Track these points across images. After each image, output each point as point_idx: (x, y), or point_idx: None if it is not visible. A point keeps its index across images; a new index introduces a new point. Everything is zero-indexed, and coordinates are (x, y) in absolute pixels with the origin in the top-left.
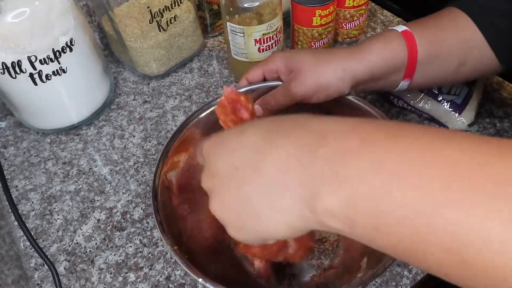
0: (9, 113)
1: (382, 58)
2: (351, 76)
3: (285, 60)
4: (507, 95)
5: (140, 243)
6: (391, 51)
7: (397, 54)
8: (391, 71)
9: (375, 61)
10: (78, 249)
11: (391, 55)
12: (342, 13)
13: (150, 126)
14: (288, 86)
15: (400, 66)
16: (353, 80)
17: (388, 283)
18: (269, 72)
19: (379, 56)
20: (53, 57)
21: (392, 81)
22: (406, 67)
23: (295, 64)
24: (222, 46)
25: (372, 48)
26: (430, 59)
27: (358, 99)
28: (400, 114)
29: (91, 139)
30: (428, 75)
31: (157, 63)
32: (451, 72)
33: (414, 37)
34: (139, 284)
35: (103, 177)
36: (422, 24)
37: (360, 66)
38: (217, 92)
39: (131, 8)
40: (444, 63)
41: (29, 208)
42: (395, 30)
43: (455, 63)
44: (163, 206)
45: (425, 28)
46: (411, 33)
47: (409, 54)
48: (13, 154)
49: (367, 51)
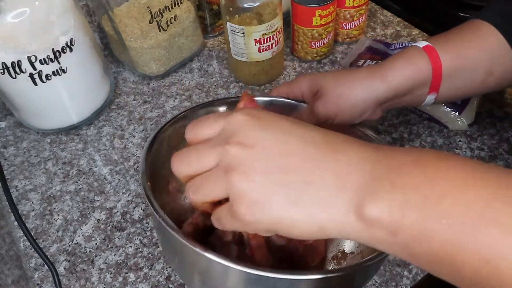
0: (9, 113)
1: (404, 75)
2: (374, 95)
3: (310, 83)
4: (507, 95)
5: (140, 243)
6: (413, 68)
7: (420, 70)
8: (415, 87)
9: (398, 79)
10: (78, 249)
11: (413, 72)
12: (342, 13)
13: (150, 126)
14: (312, 107)
15: (425, 81)
16: (376, 99)
17: (388, 283)
18: (294, 94)
19: (402, 73)
20: (53, 57)
21: (417, 96)
22: (432, 81)
23: (318, 86)
24: (222, 46)
25: (393, 66)
26: (455, 71)
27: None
28: (400, 114)
29: (91, 139)
30: (455, 88)
31: (157, 63)
32: (478, 83)
33: (436, 51)
34: (139, 284)
35: (103, 177)
36: (443, 38)
37: (382, 85)
38: (217, 92)
39: (131, 8)
40: (470, 75)
41: (29, 208)
42: (416, 46)
43: (481, 74)
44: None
45: (448, 41)
46: (433, 47)
47: (433, 69)
48: (13, 154)
49: (389, 69)
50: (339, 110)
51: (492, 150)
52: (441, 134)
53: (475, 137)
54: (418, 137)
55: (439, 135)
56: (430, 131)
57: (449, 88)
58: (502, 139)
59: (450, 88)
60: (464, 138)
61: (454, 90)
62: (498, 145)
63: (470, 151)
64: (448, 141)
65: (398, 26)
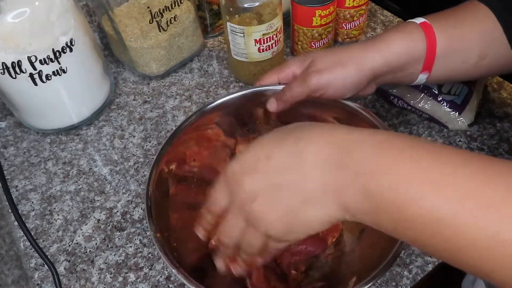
0: (9, 113)
1: (400, 48)
2: (370, 65)
3: (300, 61)
4: (507, 95)
5: (140, 243)
6: (409, 42)
7: (415, 45)
8: (409, 62)
9: (393, 51)
10: (78, 249)
11: (409, 46)
12: (342, 13)
13: (150, 126)
14: (304, 76)
15: (419, 57)
16: (371, 71)
17: (388, 283)
18: (285, 78)
19: (398, 46)
20: (53, 57)
21: (410, 73)
22: (425, 59)
23: (309, 60)
24: (222, 46)
25: (390, 39)
26: (449, 51)
27: (362, 108)
28: (400, 114)
29: (91, 139)
30: (448, 69)
31: (157, 63)
32: (471, 65)
33: (433, 29)
34: (139, 284)
35: (103, 177)
36: (441, 17)
37: (378, 55)
38: (217, 92)
39: (131, 8)
40: (464, 56)
41: (29, 208)
42: (413, 22)
43: (475, 56)
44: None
45: (444, 20)
46: (430, 25)
47: (427, 46)
48: (13, 154)
49: (385, 41)
50: (333, 79)
51: (492, 150)
52: (441, 134)
53: (475, 137)
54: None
55: (439, 135)
56: (430, 131)
57: (442, 68)
58: (502, 139)
59: (442, 69)
60: (464, 138)
61: (446, 71)
62: (498, 145)
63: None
64: (448, 141)
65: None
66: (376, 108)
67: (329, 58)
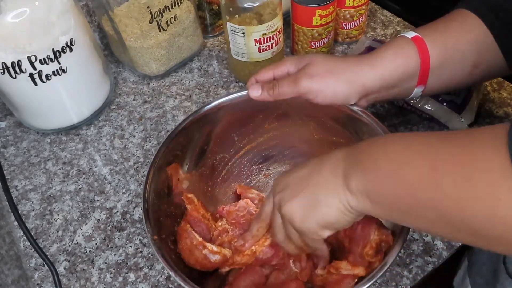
0: (9, 113)
1: (393, 65)
2: (362, 80)
3: (296, 61)
4: (507, 95)
5: (140, 243)
6: (402, 58)
7: (409, 60)
8: (403, 78)
9: (386, 68)
10: (78, 249)
11: (402, 62)
12: (342, 13)
13: (150, 126)
14: (295, 76)
15: (413, 72)
16: (363, 85)
17: (388, 283)
18: (280, 75)
19: (391, 62)
20: (53, 57)
21: (405, 89)
22: (419, 73)
23: (307, 61)
24: (222, 46)
25: (383, 55)
26: (443, 63)
27: (362, 110)
28: (400, 114)
29: (91, 139)
30: (442, 80)
31: (157, 63)
32: (465, 75)
33: (425, 43)
34: (139, 284)
35: (103, 177)
36: (432, 29)
37: (371, 72)
38: (217, 92)
39: (131, 8)
40: (457, 67)
41: (29, 208)
42: (405, 37)
43: (469, 66)
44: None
45: (436, 32)
46: (422, 38)
47: (421, 60)
48: (13, 154)
49: (379, 58)
50: (324, 87)
51: None
52: None
53: None
54: None
55: None
56: (430, 131)
57: (437, 81)
58: None
59: (437, 81)
60: None
61: (441, 82)
62: None
63: None
64: None
65: (398, 26)
66: (376, 107)
67: (324, 65)
